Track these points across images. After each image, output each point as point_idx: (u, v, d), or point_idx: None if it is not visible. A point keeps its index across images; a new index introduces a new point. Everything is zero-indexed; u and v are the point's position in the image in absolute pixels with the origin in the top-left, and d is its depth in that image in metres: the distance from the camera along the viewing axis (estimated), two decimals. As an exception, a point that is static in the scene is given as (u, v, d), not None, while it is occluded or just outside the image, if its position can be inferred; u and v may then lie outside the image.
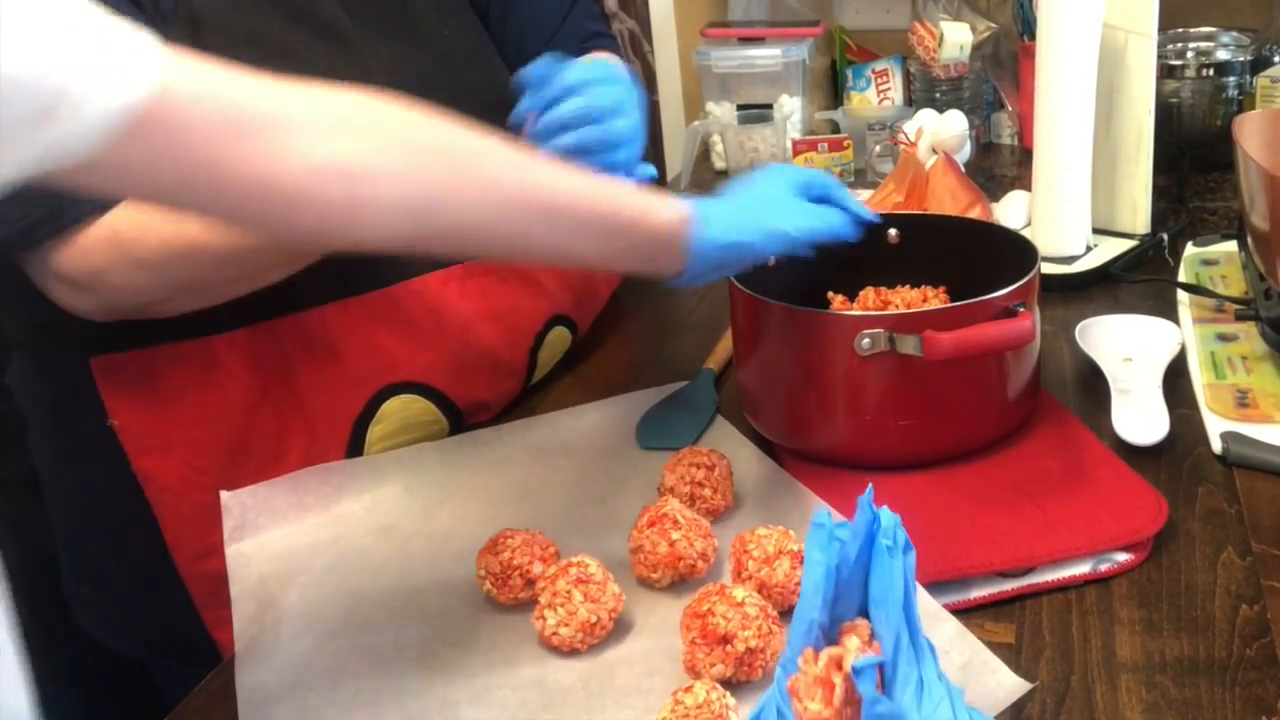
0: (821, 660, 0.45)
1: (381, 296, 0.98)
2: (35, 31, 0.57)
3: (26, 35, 0.56)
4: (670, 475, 0.89)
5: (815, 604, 0.47)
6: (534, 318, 1.09)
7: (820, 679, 0.45)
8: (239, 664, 0.79)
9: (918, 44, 1.66)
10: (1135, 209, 1.29)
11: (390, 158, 0.69)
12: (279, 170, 0.66)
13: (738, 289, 0.95)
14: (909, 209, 1.33)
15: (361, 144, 0.68)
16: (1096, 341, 1.06)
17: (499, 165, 0.74)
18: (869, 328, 0.87)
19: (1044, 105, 1.24)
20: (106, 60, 0.59)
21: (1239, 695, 0.69)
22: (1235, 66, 1.45)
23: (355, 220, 0.69)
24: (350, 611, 0.84)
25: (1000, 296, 0.88)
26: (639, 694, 0.72)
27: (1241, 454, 0.90)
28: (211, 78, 0.64)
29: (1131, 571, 0.80)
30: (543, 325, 1.10)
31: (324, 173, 0.67)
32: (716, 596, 0.72)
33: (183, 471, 0.96)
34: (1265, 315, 1.01)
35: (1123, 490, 0.86)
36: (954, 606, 0.77)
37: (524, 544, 0.82)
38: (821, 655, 0.45)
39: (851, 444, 0.92)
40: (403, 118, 0.72)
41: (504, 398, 1.09)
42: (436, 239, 0.74)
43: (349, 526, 0.94)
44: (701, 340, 1.18)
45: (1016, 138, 1.71)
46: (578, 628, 0.75)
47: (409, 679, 0.76)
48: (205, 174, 0.64)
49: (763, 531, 0.79)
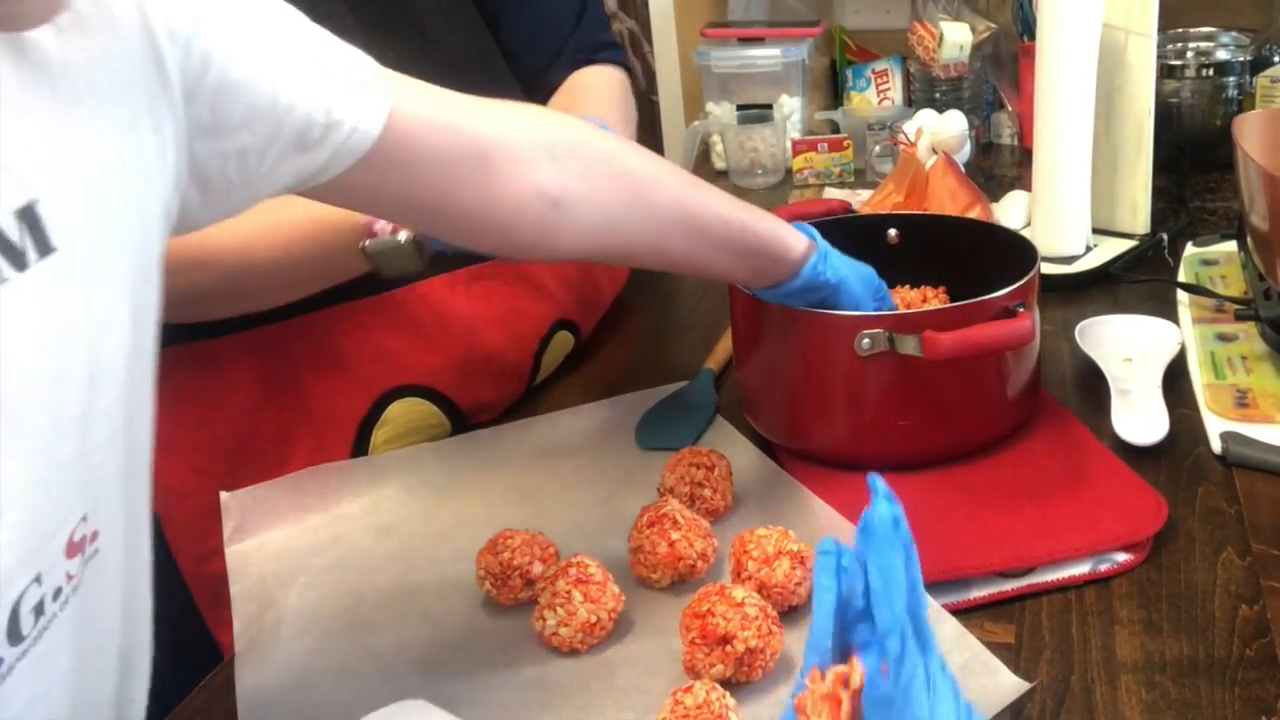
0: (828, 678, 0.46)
1: (387, 300, 0.99)
2: (308, 64, 0.61)
3: (303, 68, 0.61)
4: (670, 475, 0.89)
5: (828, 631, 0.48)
6: (539, 322, 1.10)
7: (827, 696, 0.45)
8: (239, 664, 0.79)
9: (917, 44, 1.66)
10: (1135, 209, 1.29)
11: (587, 185, 0.75)
12: (498, 197, 0.71)
13: (738, 289, 0.95)
14: (909, 209, 1.33)
15: (566, 171, 0.74)
16: (1096, 341, 1.06)
17: (665, 190, 0.80)
18: (869, 328, 0.87)
19: (1044, 105, 1.24)
20: (360, 91, 0.63)
21: (1239, 695, 0.69)
22: (1235, 66, 1.45)
23: (558, 242, 0.76)
24: (350, 611, 0.84)
25: (1000, 296, 0.88)
26: (639, 694, 0.72)
27: (1241, 454, 0.90)
28: (432, 104, 0.69)
29: (1131, 571, 0.80)
30: (547, 330, 1.11)
31: (537, 202, 0.72)
32: (716, 597, 0.72)
33: (186, 474, 0.96)
34: (1265, 315, 1.01)
35: (1122, 490, 0.86)
36: (953, 606, 0.77)
37: (524, 544, 0.82)
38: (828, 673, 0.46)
39: (851, 444, 0.92)
40: (594, 143, 0.78)
41: (507, 400, 1.09)
42: (608, 254, 0.85)
43: (349, 527, 0.94)
44: (701, 340, 1.18)
45: (1016, 138, 1.71)
46: (578, 628, 0.75)
47: (409, 679, 0.76)
48: (430, 199, 0.69)
49: (762, 532, 0.79)
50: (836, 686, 0.46)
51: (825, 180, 1.64)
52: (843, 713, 0.45)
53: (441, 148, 0.68)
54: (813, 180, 1.64)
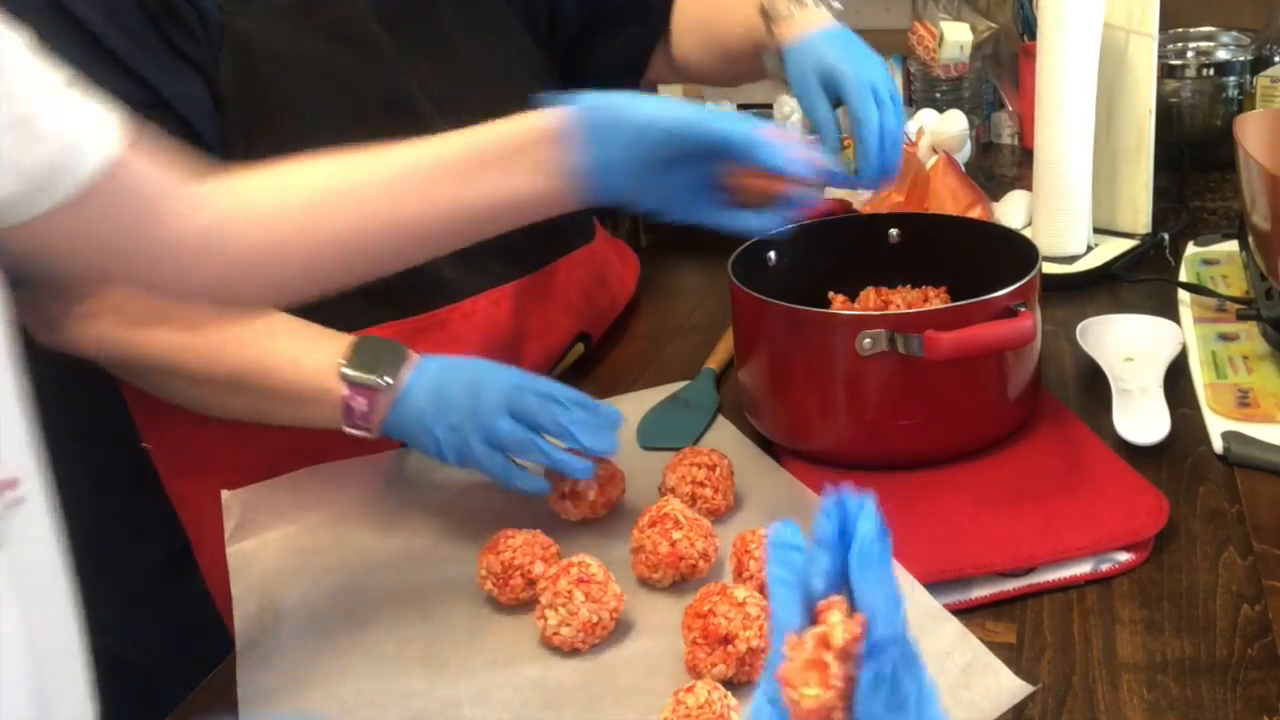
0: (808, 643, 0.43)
1: (432, 319, 0.98)
2: (55, 89, 0.62)
3: (53, 92, 0.61)
4: (671, 475, 0.89)
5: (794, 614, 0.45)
6: (566, 334, 1.12)
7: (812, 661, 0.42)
8: (239, 664, 0.79)
9: (918, 44, 1.66)
10: (1136, 209, 1.29)
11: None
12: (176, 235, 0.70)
13: (739, 289, 0.95)
14: (909, 209, 1.33)
15: None
16: (1097, 341, 1.06)
17: (335, 221, 0.74)
18: (870, 328, 0.87)
19: (1044, 105, 1.24)
20: (98, 125, 0.64)
21: (1240, 695, 0.69)
22: (1235, 66, 1.44)
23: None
24: (350, 611, 0.84)
25: (1001, 296, 0.88)
26: (640, 694, 0.72)
27: (1242, 454, 0.90)
28: (135, 151, 0.68)
29: (1132, 571, 0.80)
30: (570, 341, 1.13)
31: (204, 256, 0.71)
32: (718, 596, 0.72)
33: (217, 493, 0.95)
34: (1266, 315, 1.01)
35: (1124, 490, 0.86)
36: (955, 606, 0.77)
37: (525, 544, 0.82)
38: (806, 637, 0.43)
39: (852, 444, 0.92)
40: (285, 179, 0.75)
41: None
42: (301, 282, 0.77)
43: (349, 526, 0.94)
44: (702, 340, 1.19)
45: (1016, 138, 1.71)
46: (579, 628, 0.75)
47: (410, 679, 0.76)
48: (124, 240, 0.69)
49: (764, 531, 0.79)
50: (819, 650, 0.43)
51: (825, 180, 1.64)
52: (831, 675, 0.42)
53: (139, 190, 0.67)
54: (813, 180, 1.64)
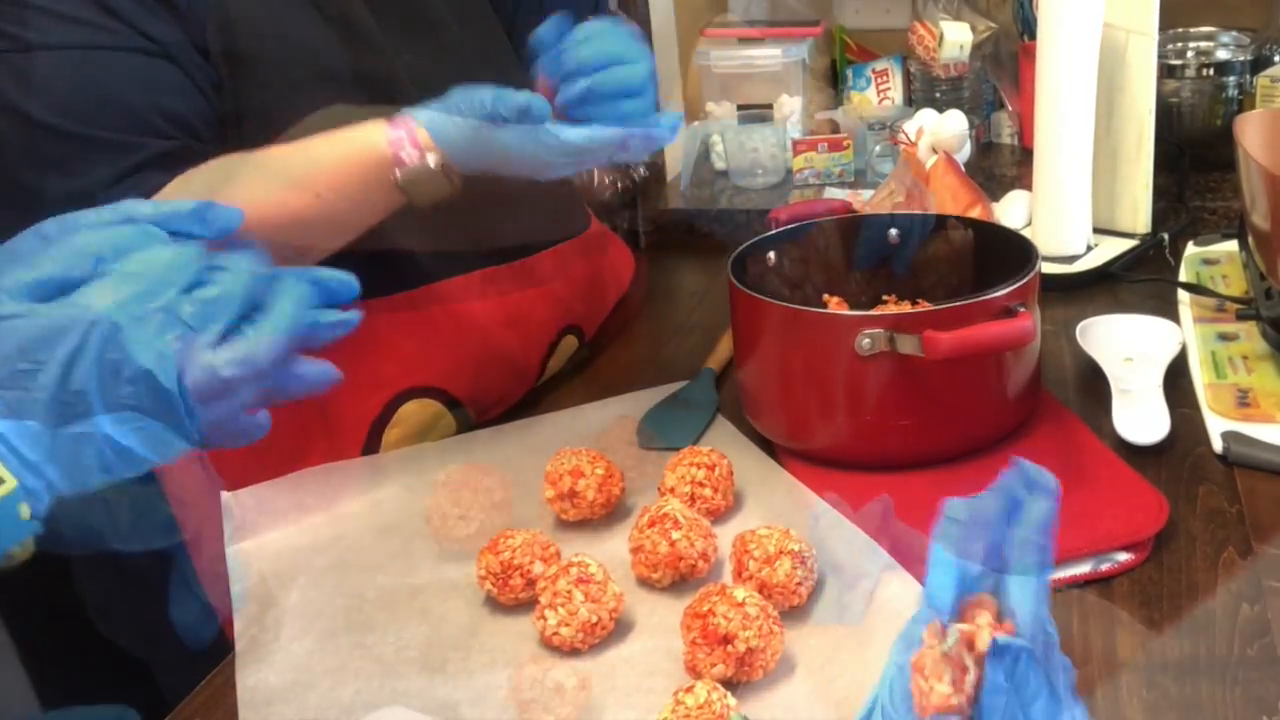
0: (951, 637, 0.40)
1: (402, 300, 0.98)
2: None
3: None
4: (671, 475, 0.89)
5: (948, 596, 0.41)
6: (548, 326, 1.11)
7: (950, 657, 0.40)
8: (239, 664, 0.79)
9: (918, 44, 1.66)
10: (1136, 208, 1.29)
11: None
12: None
13: (738, 289, 0.95)
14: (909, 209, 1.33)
15: None
16: (1097, 341, 1.06)
17: None
18: (869, 327, 0.87)
19: (1044, 105, 1.24)
20: None
21: (1240, 695, 0.69)
22: (1235, 66, 1.45)
23: None
24: (350, 611, 0.84)
25: (1000, 296, 0.88)
26: (640, 694, 0.72)
27: (1242, 453, 0.90)
28: None
29: (1132, 571, 0.80)
30: (556, 334, 1.12)
31: None
32: (717, 596, 0.72)
33: (200, 475, 0.95)
34: (1266, 315, 1.01)
35: (1123, 490, 0.86)
36: (955, 606, 0.77)
37: (524, 544, 0.82)
38: (950, 630, 0.40)
39: (851, 444, 0.92)
40: None
41: (511, 399, 1.10)
42: None
43: (350, 526, 0.94)
44: (702, 340, 1.19)
45: (1016, 138, 1.71)
46: (578, 628, 0.75)
47: (410, 679, 0.76)
48: None
49: (763, 531, 0.79)
50: (961, 648, 0.40)
51: (825, 180, 1.64)
52: (967, 680, 0.39)
53: None
54: (813, 180, 1.64)
